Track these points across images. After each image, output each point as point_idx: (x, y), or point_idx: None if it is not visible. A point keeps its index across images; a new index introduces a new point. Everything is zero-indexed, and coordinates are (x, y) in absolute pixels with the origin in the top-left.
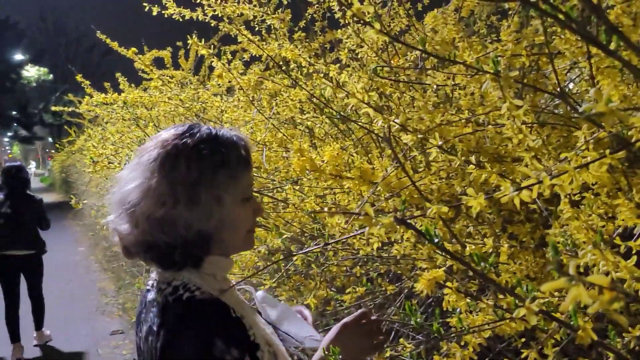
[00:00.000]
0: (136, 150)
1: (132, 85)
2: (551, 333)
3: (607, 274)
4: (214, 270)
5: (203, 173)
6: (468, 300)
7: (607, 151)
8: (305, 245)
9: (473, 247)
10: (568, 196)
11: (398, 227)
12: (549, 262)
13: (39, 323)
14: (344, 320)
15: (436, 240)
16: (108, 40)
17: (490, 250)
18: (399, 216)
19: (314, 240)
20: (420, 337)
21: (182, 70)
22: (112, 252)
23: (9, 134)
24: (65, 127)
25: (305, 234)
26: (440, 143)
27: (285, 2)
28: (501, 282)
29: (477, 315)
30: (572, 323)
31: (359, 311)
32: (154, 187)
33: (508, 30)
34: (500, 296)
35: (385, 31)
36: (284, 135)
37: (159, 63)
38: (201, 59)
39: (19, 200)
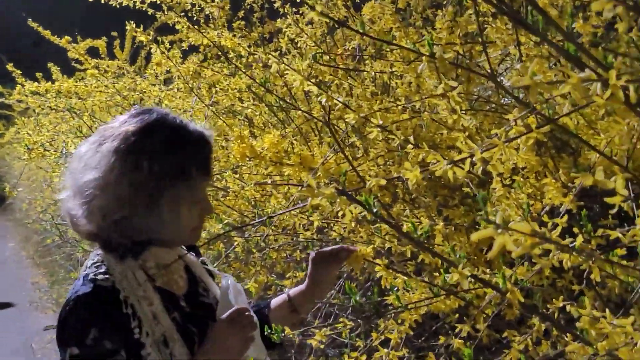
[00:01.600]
0: (98, 128)
1: (65, 76)
2: (483, 308)
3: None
4: (150, 258)
5: (164, 181)
6: (405, 278)
7: (534, 126)
8: (246, 232)
9: (409, 224)
10: (500, 176)
11: (339, 199)
12: (483, 242)
13: None
14: (215, 324)
15: (375, 210)
16: (40, 29)
17: (426, 228)
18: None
19: (254, 227)
20: (359, 321)
21: (118, 60)
22: (44, 246)
23: None
24: None
25: (246, 219)
26: (380, 122)
27: None
28: (436, 262)
29: (413, 293)
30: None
31: (230, 311)
32: (113, 185)
33: (442, 20)
34: (435, 274)
35: (320, 28)
36: (225, 122)
37: (92, 53)
38: (137, 50)
39: None
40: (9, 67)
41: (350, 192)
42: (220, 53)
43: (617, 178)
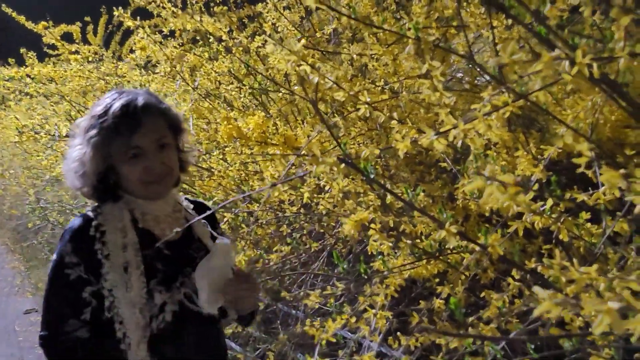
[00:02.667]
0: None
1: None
2: (462, 270)
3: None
4: (131, 206)
5: (103, 143)
6: (390, 244)
7: (510, 100)
8: (233, 209)
9: (403, 188)
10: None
11: (340, 166)
12: (458, 212)
13: None
14: None
15: (372, 176)
16: (14, 15)
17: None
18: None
19: (243, 203)
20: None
21: (91, 45)
22: (19, 232)
23: None
24: None
25: (233, 194)
26: (368, 99)
27: None
28: (416, 232)
29: (397, 259)
30: (483, 242)
31: None
32: (86, 152)
33: (420, 4)
34: (417, 241)
35: (298, 12)
36: (210, 104)
37: (65, 39)
38: (110, 35)
39: None
40: None
41: (351, 162)
42: (198, 37)
43: (582, 143)
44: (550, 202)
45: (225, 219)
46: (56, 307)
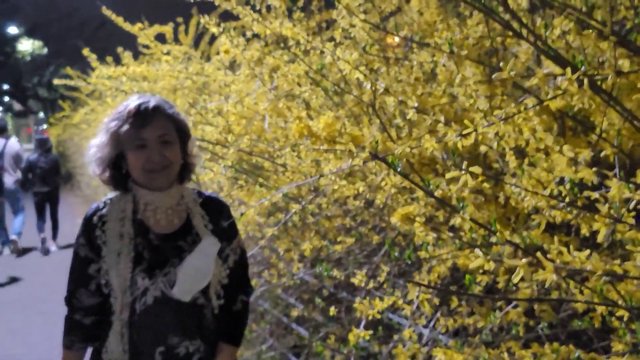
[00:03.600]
0: None
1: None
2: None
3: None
4: (137, 195)
5: (116, 132)
6: (434, 235)
7: (522, 107)
8: (302, 200)
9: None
10: (514, 150)
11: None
12: (509, 210)
13: (55, 236)
14: None
15: (398, 169)
16: (113, 16)
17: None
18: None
19: (311, 194)
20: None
21: (182, 45)
22: None
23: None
24: (60, 101)
25: (302, 192)
26: (416, 104)
27: None
28: (465, 225)
29: (442, 249)
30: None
31: None
32: (103, 140)
33: (478, 16)
34: (461, 233)
35: (373, 17)
36: (286, 104)
37: (158, 39)
38: (200, 35)
39: (46, 158)
40: (85, 52)
41: (382, 157)
42: (279, 41)
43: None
44: (567, 198)
45: (293, 210)
46: (72, 277)
